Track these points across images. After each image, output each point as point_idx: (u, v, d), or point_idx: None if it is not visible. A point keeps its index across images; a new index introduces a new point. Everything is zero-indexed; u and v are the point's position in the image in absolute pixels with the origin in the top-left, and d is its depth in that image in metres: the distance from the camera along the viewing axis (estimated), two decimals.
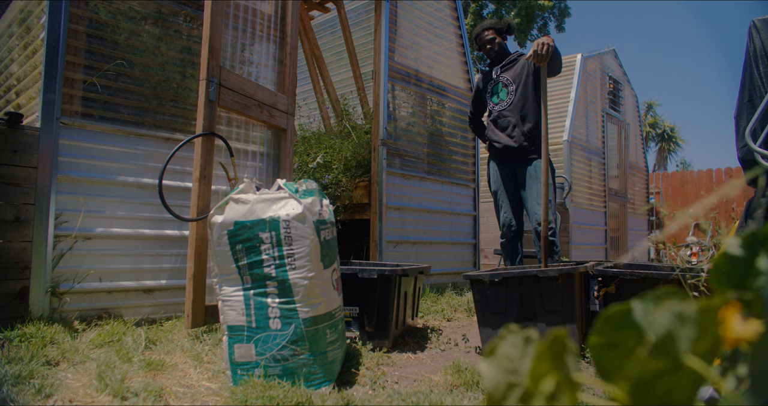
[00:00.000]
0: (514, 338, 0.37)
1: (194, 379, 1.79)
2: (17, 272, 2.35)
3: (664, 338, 0.28)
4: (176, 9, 3.00)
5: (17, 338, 2.01)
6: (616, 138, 8.76)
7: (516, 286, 2.25)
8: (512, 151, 3.41)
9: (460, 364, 1.95)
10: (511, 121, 3.41)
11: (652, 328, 0.28)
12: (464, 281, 4.51)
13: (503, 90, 3.48)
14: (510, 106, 3.43)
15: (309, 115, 6.15)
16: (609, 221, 8.21)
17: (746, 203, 2.56)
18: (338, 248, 2.06)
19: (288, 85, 3.18)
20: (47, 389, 1.55)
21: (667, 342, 0.28)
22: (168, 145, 2.90)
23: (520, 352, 0.36)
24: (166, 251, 2.87)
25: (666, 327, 0.28)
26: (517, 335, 0.37)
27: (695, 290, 1.87)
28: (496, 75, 3.54)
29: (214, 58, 2.47)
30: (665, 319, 0.28)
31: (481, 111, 3.76)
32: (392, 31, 4.47)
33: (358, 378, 1.91)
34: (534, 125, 3.36)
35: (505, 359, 0.36)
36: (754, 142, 2.30)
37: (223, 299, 1.78)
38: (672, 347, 0.28)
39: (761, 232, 0.38)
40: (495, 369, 0.36)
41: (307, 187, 1.90)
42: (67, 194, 2.53)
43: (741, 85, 2.53)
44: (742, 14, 43.18)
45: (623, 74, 9.20)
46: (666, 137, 32.35)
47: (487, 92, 3.60)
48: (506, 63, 3.53)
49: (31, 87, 2.77)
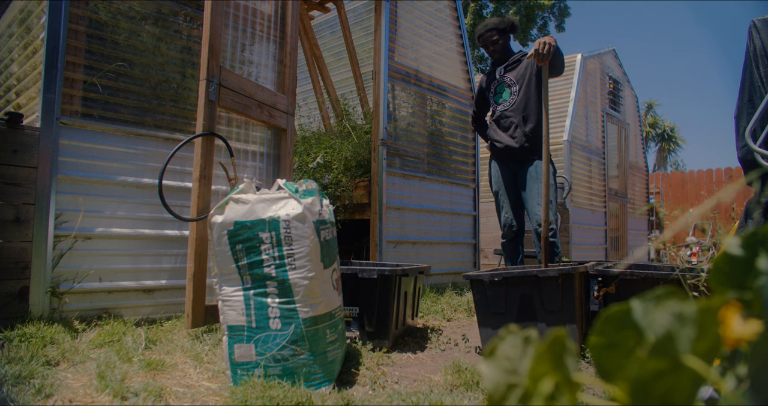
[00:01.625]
0: (513, 339, 0.37)
1: (194, 379, 1.79)
2: (17, 272, 2.35)
3: (664, 338, 0.28)
4: (176, 9, 3.00)
5: (17, 338, 2.01)
6: (616, 138, 8.76)
7: (516, 286, 2.25)
8: (513, 152, 3.40)
9: (460, 364, 1.95)
10: (513, 121, 3.40)
11: (651, 328, 0.28)
12: (464, 281, 4.51)
13: (506, 90, 3.47)
14: (513, 107, 3.42)
15: (309, 115, 6.15)
16: (609, 220, 8.21)
17: (746, 203, 2.56)
18: (338, 248, 2.06)
19: (288, 85, 3.18)
20: (47, 389, 1.55)
21: (667, 342, 0.28)
22: (168, 145, 2.90)
23: (519, 352, 0.36)
24: (166, 251, 2.87)
25: (666, 327, 0.28)
26: (517, 335, 0.37)
27: (695, 290, 1.87)
28: (500, 75, 3.53)
29: (214, 58, 2.47)
30: (665, 319, 0.28)
31: (484, 111, 3.75)
32: (392, 31, 4.47)
33: (358, 378, 1.91)
34: (535, 126, 3.36)
35: (505, 360, 0.36)
36: (754, 142, 2.30)
37: (223, 299, 1.78)
38: (672, 347, 0.28)
39: (761, 232, 0.38)
40: (495, 369, 0.36)
41: (307, 187, 1.90)
42: (67, 194, 2.53)
43: (741, 86, 2.53)
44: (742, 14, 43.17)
45: (623, 74, 9.20)
46: (666, 137, 32.35)
47: (490, 92, 3.59)
48: (510, 63, 3.51)
49: (31, 87, 2.77)
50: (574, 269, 2.16)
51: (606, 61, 8.53)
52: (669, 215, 1.93)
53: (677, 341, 0.28)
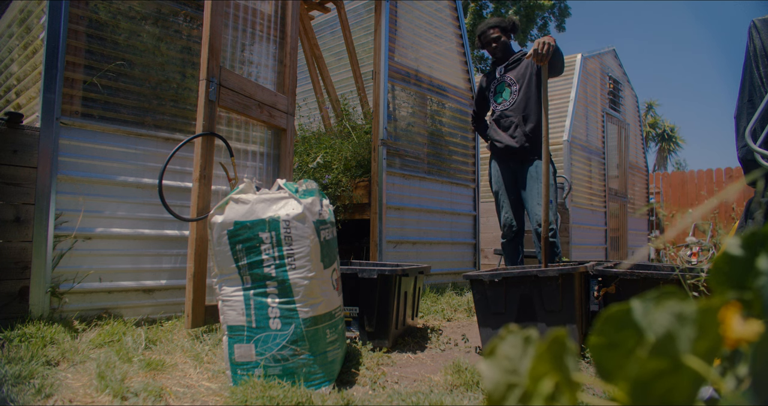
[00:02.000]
0: (514, 338, 0.37)
1: (194, 379, 1.79)
2: (17, 272, 2.35)
3: (664, 338, 0.28)
4: (176, 9, 3.00)
5: (17, 338, 2.01)
6: (616, 138, 8.76)
7: (516, 286, 2.25)
8: (514, 152, 3.40)
9: (460, 364, 1.95)
10: (513, 121, 3.40)
11: (652, 328, 0.28)
12: (464, 281, 4.51)
13: (506, 90, 3.47)
14: (513, 106, 3.41)
15: (309, 115, 6.15)
16: (609, 220, 8.21)
17: (746, 203, 2.56)
18: (338, 248, 2.06)
19: (288, 85, 3.18)
20: (47, 389, 1.55)
21: (667, 342, 0.28)
22: (168, 145, 2.90)
23: (520, 352, 0.36)
24: (166, 250, 2.87)
25: (666, 327, 0.28)
26: (517, 335, 0.37)
27: (695, 290, 1.87)
28: (500, 74, 3.52)
29: (214, 58, 2.47)
30: (665, 319, 0.28)
31: (485, 111, 3.74)
32: (392, 31, 4.47)
33: (358, 378, 1.91)
34: (535, 126, 3.36)
35: (505, 359, 0.36)
36: (754, 142, 2.30)
37: (223, 299, 1.78)
38: (672, 347, 0.28)
39: (761, 232, 0.38)
40: (495, 369, 0.36)
41: (307, 187, 1.90)
42: (67, 194, 2.53)
43: (741, 85, 2.53)
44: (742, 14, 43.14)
45: (623, 74, 9.20)
46: (666, 137, 32.34)
47: (490, 92, 3.58)
48: (510, 62, 3.50)
49: (31, 87, 2.77)
50: (574, 269, 2.16)
51: (606, 61, 8.53)
52: (669, 215, 1.92)
53: (677, 341, 0.28)
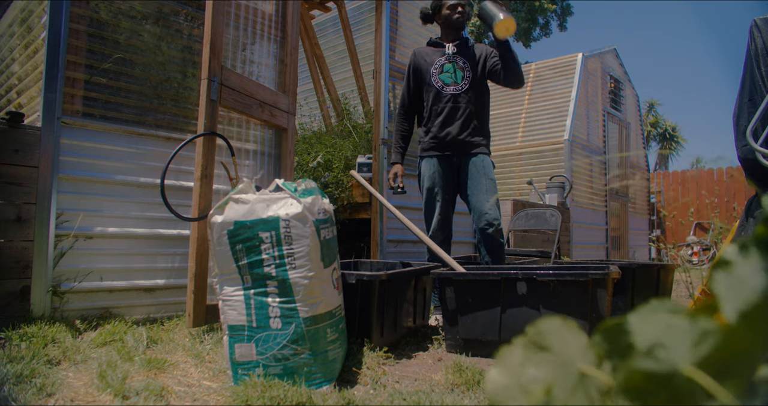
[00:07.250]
0: (522, 342, 0.37)
1: (195, 378, 1.80)
2: (18, 272, 2.35)
3: (654, 348, 0.28)
4: (177, 8, 3.00)
5: (18, 337, 2.02)
6: (617, 137, 8.75)
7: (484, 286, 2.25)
8: (460, 144, 3.05)
9: (461, 363, 1.95)
10: (466, 108, 3.03)
11: (643, 337, 0.28)
12: None
13: (458, 72, 3.07)
14: (464, 92, 3.04)
15: (310, 115, 6.15)
16: (610, 220, 8.21)
17: (747, 202, 2.56)
18: (339, 248, 2.06)
19: (289, 85, 3.18)
20: (48, 388, 1.56)
21: (659, 351, 0.28)
22: (169, 145, 2.90)
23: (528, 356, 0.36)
24: (167, 250, 2.88)
25: (657, 336, 0.28)
26: (524, 339, 0.37)
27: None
28: (452, 52, 3.10)
29: (216, 57, 2.47)
30: (657, 328, 0.28)
31: (420, 98, 3.20)
32: (393, 30, 4.47)
33: (359, 377, 1.92)
34: (485, 120, 3.15)
35: (514, 364, 0.37)
36: (755, 141, 2.30)
37: (224, 299, 1.79)
38: (665, 356, 0.28)
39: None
40: (502, 373, 0.37)
41: (306, 186, 1.90)
42: (68, 194, 2.54)
43: (741, 85, 2.52)
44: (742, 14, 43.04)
45: (624, 73, 9.18)
46: (667, 137, 32.27)
47: (434, 67, 3.09)
48: (461, 43, 3.14)
49: (32, 86, 2.77)
50: (585, 274, 2.16)
51: (607, 60, 8.52)
52: (669, 215, 1.93)
53: (670, 349, 0.28)
